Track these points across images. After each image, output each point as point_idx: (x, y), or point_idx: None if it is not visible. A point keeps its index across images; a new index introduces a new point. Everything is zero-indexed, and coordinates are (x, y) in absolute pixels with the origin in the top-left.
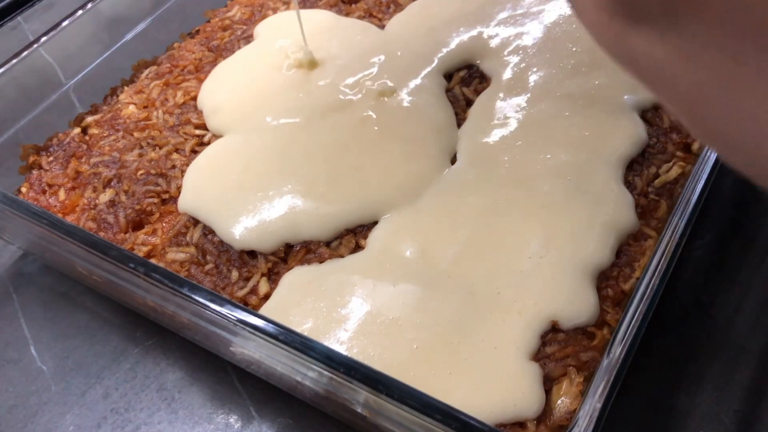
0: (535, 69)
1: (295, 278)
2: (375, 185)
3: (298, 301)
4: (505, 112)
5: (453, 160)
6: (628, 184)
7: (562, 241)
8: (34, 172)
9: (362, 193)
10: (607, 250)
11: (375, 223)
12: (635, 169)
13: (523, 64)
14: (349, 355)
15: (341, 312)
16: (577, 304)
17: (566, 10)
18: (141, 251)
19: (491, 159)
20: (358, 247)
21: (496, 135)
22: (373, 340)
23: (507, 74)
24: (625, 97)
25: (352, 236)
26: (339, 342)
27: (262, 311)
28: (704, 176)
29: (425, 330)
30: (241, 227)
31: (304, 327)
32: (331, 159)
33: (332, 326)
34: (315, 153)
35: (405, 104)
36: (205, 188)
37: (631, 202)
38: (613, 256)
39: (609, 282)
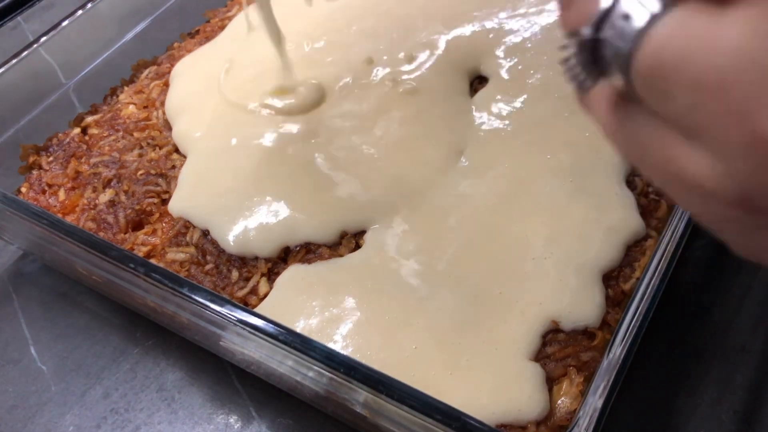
0: (533, 70)
1: (291, 277)
2: (376, 190)
3: (294, 300)
4: (503, 112)
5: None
6: (628, 184)
7: (567, 243)
8: (34, 172)
9: (362, 197)
10: (614, 252)
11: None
12: (635, 168)
13: (521, 66)
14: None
15: (337, 311)
16: (584, 306)
17: None
18: (141, 251)
19: (490, 159)
20: (357, 248)
21: (494, 135)
22: (369, 340)
23: (505, 75)
24: None
25: (352, 237)
26: (333, 341)
27: (258, 310)
28: None
29: (424, 330)
30: (237, 234)
31: (299, 326)
32: (329, 163)
33: (327, 325)
34: (311, 156)
35: (415, 102)
36: (197, 193)
37: (635, 204)
38: (620, 259)
39: (609, 282)
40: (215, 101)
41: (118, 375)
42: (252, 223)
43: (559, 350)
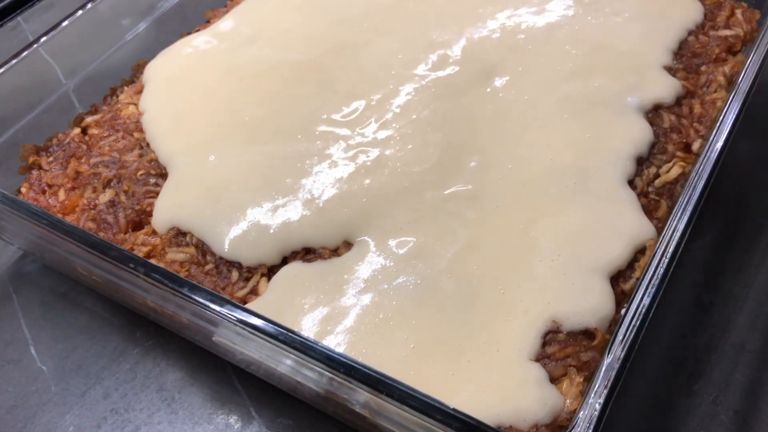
0: (533, 72)
1: (286, 276)
2: (378, 192)
3: (288, 298)
4: (504, 113)
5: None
6: (629, 184)
7: (576, 245)
8: (34, 172)
9: (364, 200)
10: (624, 255)
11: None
12: (636, 169)
13: (521, 68)
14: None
15: (332, 310)
16: (595, 307)
17: (566, 11)
18: (141, 251)
19: (492, 160)
20: None
21: (496, 136)
22: (365, 339)
23: (506, 77)
24: (628, 99)
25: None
26: (327, 340)
27: (252, 307)
28: (704, 176)
29: (423, 330)
30: (232, 244)
31: (293, 324)
32: (330, 165)
33: (321, 324)
34: (309, 160)
35: (430, 104)
36: (190, 205)
37: (640, 206)
38: (628, 260)
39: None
40: (196, 106)
41: (118, 375)
42: (247, 232)
43: (559, 350)
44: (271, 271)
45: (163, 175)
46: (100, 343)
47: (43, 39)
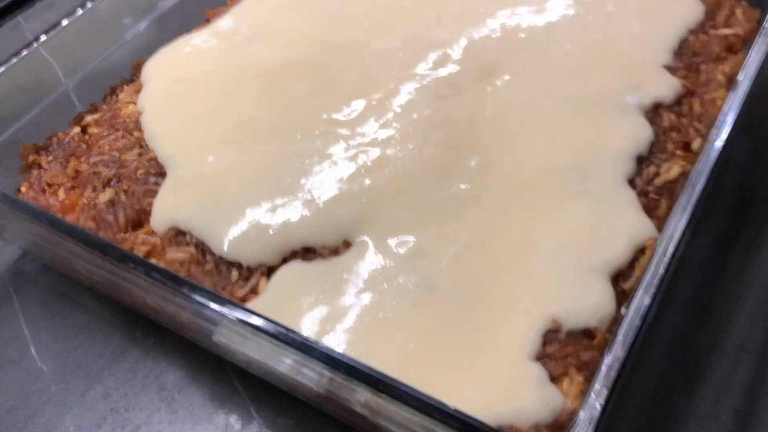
0: (534, 71)
1: (286, 275)
2: (378, 192)
3: (289, 298)
4: (504, 112)
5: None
6: (629, 183)
7: (577, 245)
8: (34, 171)
9: (364, 200)
10: (625, 254)
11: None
12: (636, 168)
13: (521, 67)
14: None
15: (332, 310)
16: (596, 306)
17: (566, 11)
18: (141, 251)
19: (492, 160)
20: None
21: (496, 136)
22: (364, 339)
23: (505, 77)
24: (628, 98)
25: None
26: (327, 339)
27: (252, 307)
28: (705, 175)
29: (423, 330)
30: (232, 245)
31: (293, 324)
32: (330, 165)
33: (321, 324)
34: (308, 159)
35: (433, 104)
36: (189, 205)
37: (640, 206)
38: (629, 260)
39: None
40: (195, 106)
41: (118, 375)
42: (247, 232)
43: (560, 349)
44: (271, 270)
45: (163, 174)
46: (100, 343)
47: (43, 38)
